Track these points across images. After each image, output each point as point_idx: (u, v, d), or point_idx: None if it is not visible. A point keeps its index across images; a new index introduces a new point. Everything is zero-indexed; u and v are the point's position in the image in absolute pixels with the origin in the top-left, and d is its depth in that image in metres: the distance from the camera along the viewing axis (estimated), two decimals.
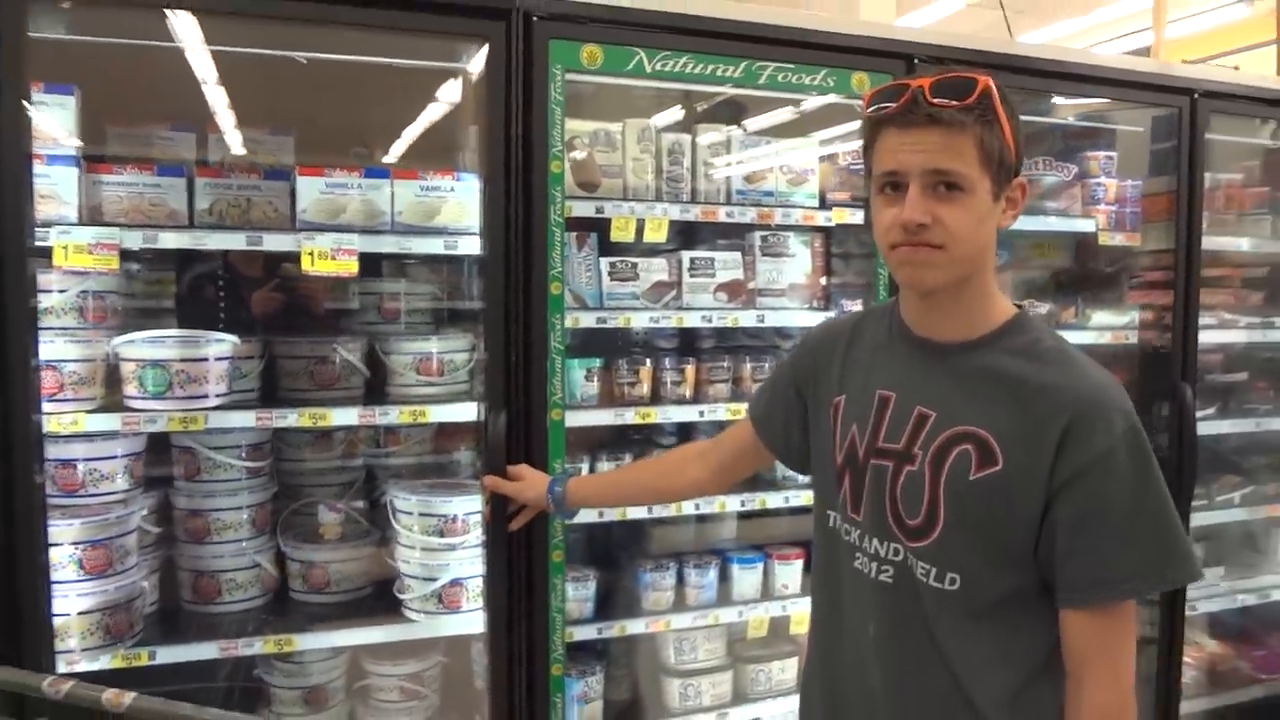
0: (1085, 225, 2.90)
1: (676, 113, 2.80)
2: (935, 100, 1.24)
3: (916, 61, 2.32)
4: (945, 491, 1.32)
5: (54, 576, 1.99)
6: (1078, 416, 1.26)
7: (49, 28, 1.93)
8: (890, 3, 3.41)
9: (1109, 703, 1.30)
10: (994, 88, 1.26)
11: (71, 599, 2.07)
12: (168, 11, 1.98)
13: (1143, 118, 2.97)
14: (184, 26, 2.09)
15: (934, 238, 1.26)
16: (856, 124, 2.42)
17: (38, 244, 1.90)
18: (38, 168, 1.91)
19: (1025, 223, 2.88)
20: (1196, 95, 2.69)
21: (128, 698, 1.42)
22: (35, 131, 1.88)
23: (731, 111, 2.74)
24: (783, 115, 2.75)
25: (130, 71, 2.22)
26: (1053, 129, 3.08)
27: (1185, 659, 3.00)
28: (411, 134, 2.78)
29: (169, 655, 2.14)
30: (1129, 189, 2.92)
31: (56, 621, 1.98)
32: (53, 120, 2.05)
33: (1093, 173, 2.94)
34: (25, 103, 1.81)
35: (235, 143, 2.46)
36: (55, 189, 2.04)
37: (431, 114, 2.67)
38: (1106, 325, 2.92)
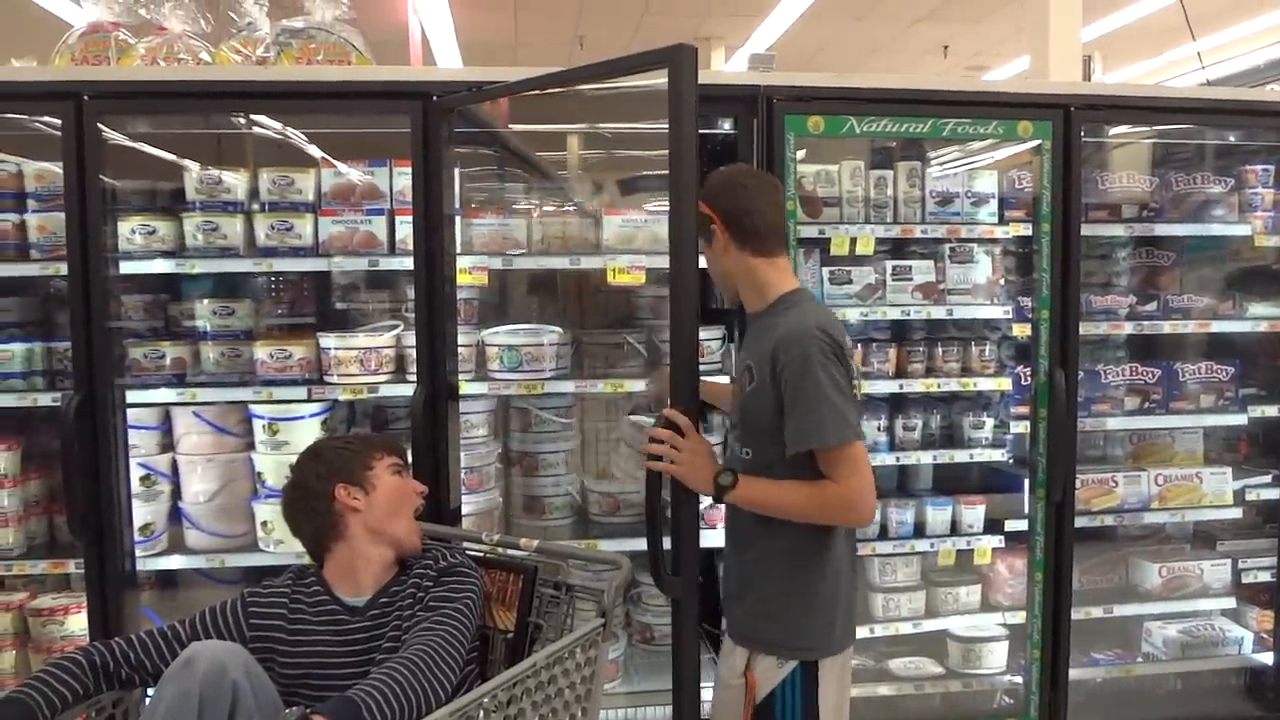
0: (1241, 229, 3.34)
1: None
2: None
3: (1072, 110, 2.87)
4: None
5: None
6: (778, 342, 2.01)
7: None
8: (1077, 56, 3.80)
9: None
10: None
11: (462, 505, 3.05)
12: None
13: None
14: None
15: None
16: (1025, 154, 3.06)
17: None
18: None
19: (1186, 229, 3.39)
20: None
21: (535, 543, 2.33)
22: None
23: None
24: (968, 149, 3.41)
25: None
26: (1208, 147, 3.50)
27: None
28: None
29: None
30: None
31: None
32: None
33: (1250, 184, 3.38)
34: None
35: (553, 191, 3.40)
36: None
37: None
38: (1263, 316, 3.35)
